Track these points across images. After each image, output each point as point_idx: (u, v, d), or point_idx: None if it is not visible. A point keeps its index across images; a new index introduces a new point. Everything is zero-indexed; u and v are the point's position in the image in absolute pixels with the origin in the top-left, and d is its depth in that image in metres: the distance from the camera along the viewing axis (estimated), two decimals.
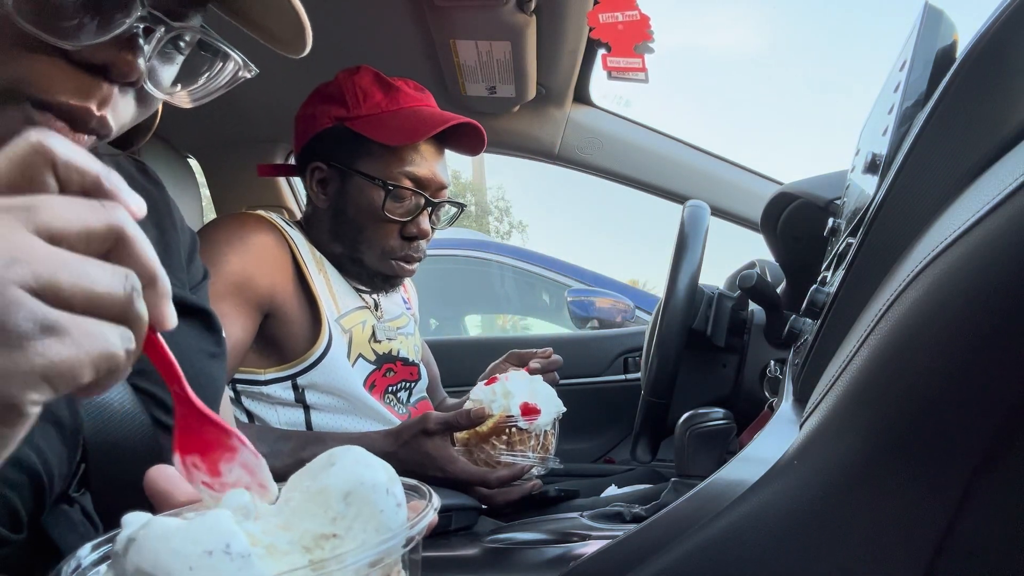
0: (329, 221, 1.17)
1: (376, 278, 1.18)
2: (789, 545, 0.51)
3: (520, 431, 1.02)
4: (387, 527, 0.32)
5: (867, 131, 0.86)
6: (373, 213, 1.13)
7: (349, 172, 1.14)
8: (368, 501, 0.32)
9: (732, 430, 0.90)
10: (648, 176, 1.68)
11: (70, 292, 0.29)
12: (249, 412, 1.09)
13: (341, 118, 1.14)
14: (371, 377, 1.16)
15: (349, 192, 1.14)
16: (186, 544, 0.29)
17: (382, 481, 0.33)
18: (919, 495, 0.45)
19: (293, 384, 1.09)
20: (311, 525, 0.32)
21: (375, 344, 1.18)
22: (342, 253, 1.17)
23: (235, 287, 1.03)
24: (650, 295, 2.76)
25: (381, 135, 1.11)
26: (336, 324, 1.12)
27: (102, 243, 0.31)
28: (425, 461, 1.00)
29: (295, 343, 1.09)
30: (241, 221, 1.09)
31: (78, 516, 0.47)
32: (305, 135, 1.17)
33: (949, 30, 0.66)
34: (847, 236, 0.70)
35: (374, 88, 1.15)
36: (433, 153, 1.16)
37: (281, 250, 1.10)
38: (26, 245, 0.28)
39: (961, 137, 0.53)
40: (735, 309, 1.29)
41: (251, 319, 1.05)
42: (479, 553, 0.83)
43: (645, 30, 1.27)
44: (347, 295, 1.17)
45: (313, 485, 0.33)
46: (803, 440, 0.53)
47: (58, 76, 0.44)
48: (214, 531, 0.29)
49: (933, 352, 0.43)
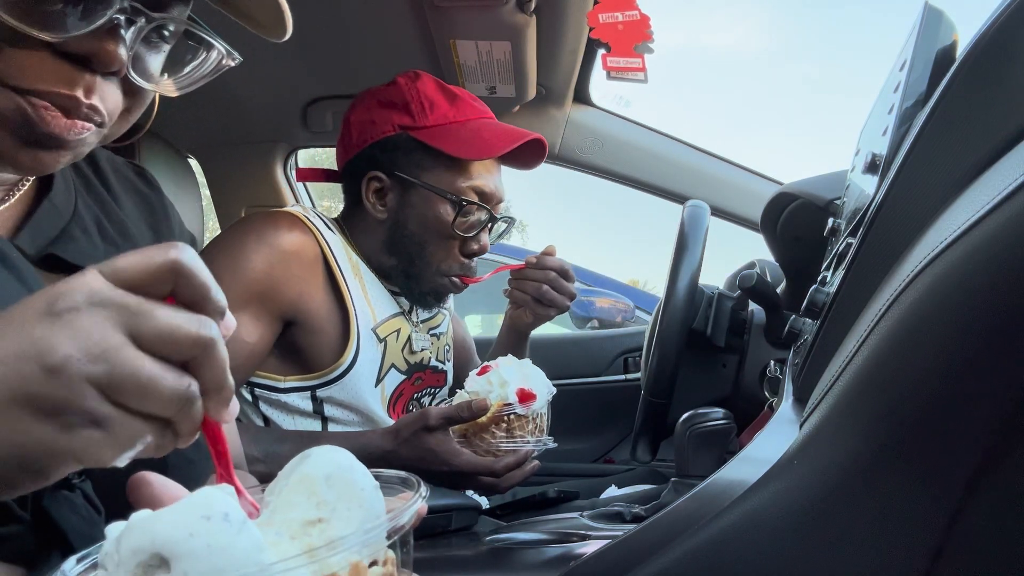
0: (385, 233, 1.12)
1: (429, 296, 1.14)
2: (789, 545, 0.51)
3: (519, 417, 1.03)
4: (370, 506, 0.33)
5: (867, 131, 0.86)
6: (440, 228, 1.09)
7: (414, 184, 1.10)
8: (349, 482, 0.33)
9: (732, 430, 0.90)
10: (648, 176, 1.68)
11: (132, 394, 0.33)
12: (265, 417, 1.08)
13: (406, 127, 1.09)
14: (400, 387, 1.15)
15: (413, 204, 1.10)
16: (182, 514, 0.29)
17: (359, 465, 0.34)
18: (919, 495, 0.45)
19: (312, 395, 1.07)
20: (295, 514, 0.32)
21: (409, 354, 1.16)
22: (395, 266, 1.12)
23: (257, 294, 1.00)
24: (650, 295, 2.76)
25: (453, 148, 1.07)
26: (371, 333, 1.09)
27: (186, 353, 0.34)
28: (428, 456, 0.99)
29: (319, 354, 1.06)
30: (273, 221, 1.05)
31: (80, 500, 0.48)
32: (362, 141, 1.12)
33: (949, 30, 0.66)
34: (847, 236, 0.70)
35: (440, 97, 1.11)
36: (496, 167, 1.14)
37: (312, 255, 1.05)
38: (115, 346, 0.32)
39: (961, 137, 0.53)
40: (735, 309, 1.29)
41: (269, 328, 1.03)
42: (479, 553, 0.83)
43: (645, 30, 1.27)
44: (383, 301, 1.13)
45: (292, 478, 0.33)
46: (803, 440, 0.53)
47: (42, 67, 0.44)
48: (210, 501, 0.29)
49: (933, 352, 0.43)
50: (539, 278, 1.21)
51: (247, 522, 0.29)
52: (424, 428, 0.99)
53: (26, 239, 0.51)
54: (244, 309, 0.99)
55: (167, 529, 0.28)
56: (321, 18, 1.29)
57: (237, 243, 1.02)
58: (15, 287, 0.47)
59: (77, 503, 0.48)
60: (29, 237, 0.51)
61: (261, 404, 1.07)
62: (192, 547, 0.27)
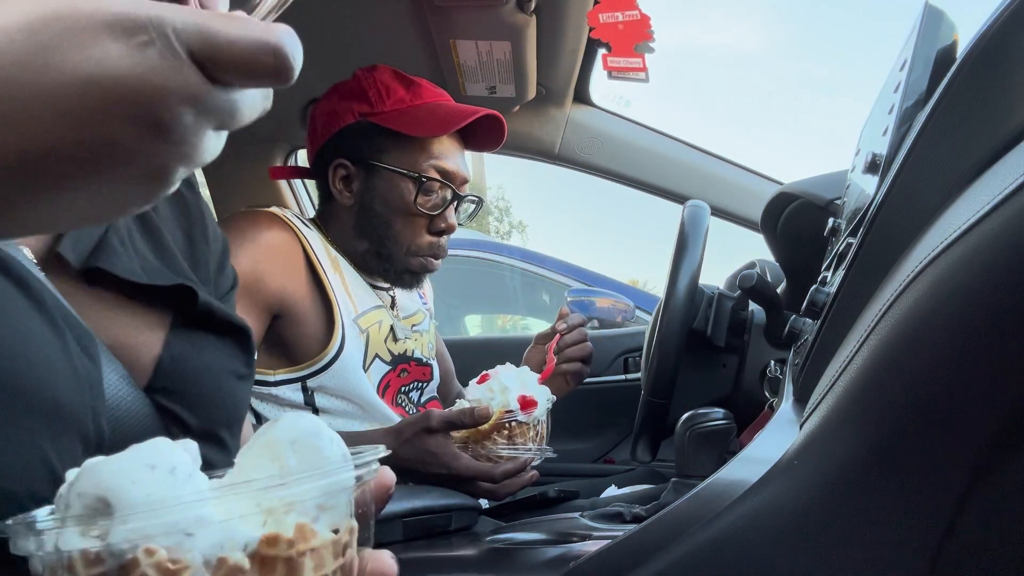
0: (354, 218, 1.16)
1: (404, 275, 1.18)
2: (789, 545, 0.51)
3: (519, 424, 1.03)
4: (336, 474, 0.32)
5: (867, 131, 0.86)
6: (403, 207, 1.13)
7: (376, 167, 1.14)
8: (313, 448, 0.32)
9: (732, 430, 0.90)
10: (648, 176, 1.68)
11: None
12: (257, 413, 1.08)
13: (365, 113, 1.13)
14: (386, 378, 1.15)
15: (376, 187, 1.14)
16: (129, 460, 0.28)
17: (328, 432, 0.33)
18: (919, 495, 0.45)
19: (303, 386, 1.08)
20: (257, 475, 0.31)
21: (392, 344, 1.17)
22: (367, 250, 1.16)
23: (245, 288, 1.00)
24: (650, 295, 2.76)
25: (409, 127, 1.11)
26: (353, 324, 1.11)
27: None
28: (427, 458, 1.00)
29: (306, 345, 1.08)
30: (254, 219, 1.08)
31: None
32: (326, 132, 1.16)
33: (949, 30, 0.66)
34: (847, 236, 0.70)
35: (396, 84, 1.15)
36: (457, 147, 1.17)
37: (294, 249, 1.09)
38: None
39: (961, 137, 0.53)
40: (735, 309, 1.29)
41: (259, 321, 1.05)
42: (479, 553, 0.83)
43: (645, 30, 1.27)
44: (364, 293, 1.16)
45: (257, 441, 0.33)
46: (803, 440, 0.53)
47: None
48: (159, 451, 0.29)
49: (934, 352, 0.43)
50: (578, 339, 1.26)
51: (193, 476, 0.29)
52: (425, 430, 1.00)
53: (67, 247, 0.47)
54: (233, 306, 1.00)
55: (111, 476, 0.28)
56: (321, 18, 1.29)
57: None
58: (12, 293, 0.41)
59: None
60: (71, 245, 0.47)
61: (252, 400, 1.08)
62: (133, 495, 0.27)
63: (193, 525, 0.28)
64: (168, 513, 0.27)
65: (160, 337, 0.50)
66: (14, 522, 0.29)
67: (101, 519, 0.27)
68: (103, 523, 0.27)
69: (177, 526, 0.27)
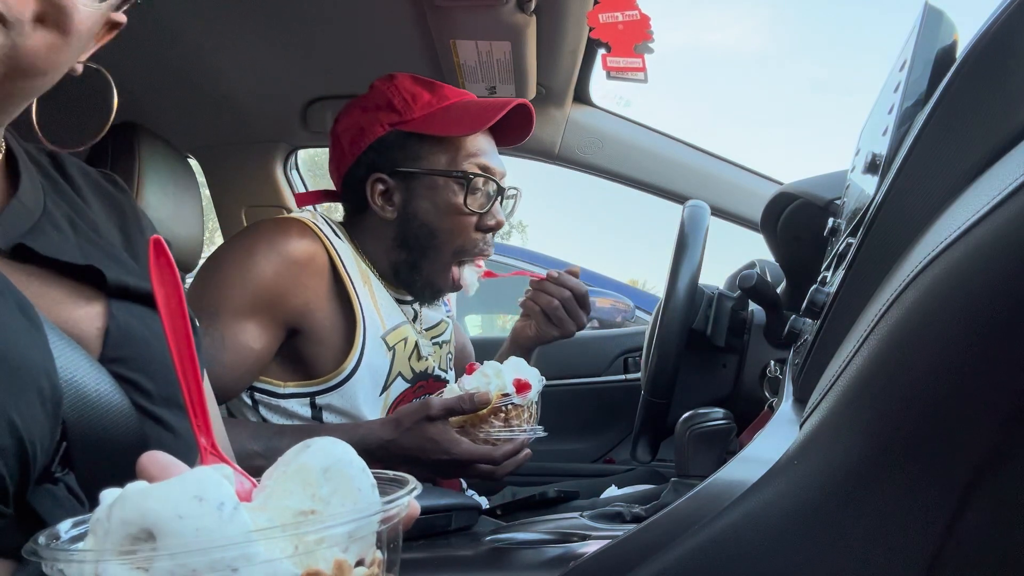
0: (395, 230, 1.12)
1: (426, 290, 1.15)
2: (789, 545, 0.51)
3: (515, 407, 1.04)
4: (365, 504, 0.32)
5: (867, 131, 0.86)
6: (453, 208, 1.10)
7: (416, 174, 1.10)
8: (346, 476, 0.32)
9: (732, 430, 0.90)
10: (648, 176, 1.68)
11: None
12: (264, 420, 1.08)
13: (395, 123, 1.10)
14: (403, 394, 1.15)
15: (421, 195, 1.11)
16: (175, 491, 0.28)
17: (358, 461, 0.34)
18: (919, 496, 0.45)
19: (312, 402, 1.08)
20: (290, 503, 0.31)
21: (415, 362, 1.16)
22: (405, 260, 1.13)
23: (265, 301, 1.01)
24: (650, 295, 2.76)
25: (444, 129, 1.09)
26: (381, 341, 1.09)
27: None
28: (428, 446, 1.00)
29: (321, 362, 1.07)
30: (283, 228, 1.05)
31: (63, 493, 0.47)
32: (355, 149, 1.12)
33: (949, 30, 0.66)
34: (847, 236, 0.70)
35: (420, 89, 1.12)
36: (490, 142, 1.15)
37: (322, 263, 1.06)
38: None
39: (961, 137, 0.53)
40: (735, 309, 1.29)
41: (274, 336, 1.03)
42: (479, 553, 0.83)
43: (645, 30, 1.27)
44: (391, 309, 1.14)
45: (290, 466, 0.33)
46: (803, 440, 0.53)
47: None
48: (205, 483, 0.29)
49: (933, 352, 0.43)
50: (555, 294, 1.22)
51: (239, 509, 0.29)
52: (426, 418, 1.00)
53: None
54: (251, 316, 1.00)
55: (158, 506, 0.28)
56: (321, 18, 1.29)
57: (247, 250, 1.02)
58: None
59: (60, 496, 0.47)
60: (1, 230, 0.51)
61: (260, 408, 1.08)
62: (180, 528, 0.27)
63: (239, 561, 0.28)
64: (219, 551, 0.28)
65: (100, 311, 0.53)
66: (47, 543, 0.30)
67: (144, 549, 0.27)
68: (147, 554, 0.27)
69: (223, 562, 0.28)
